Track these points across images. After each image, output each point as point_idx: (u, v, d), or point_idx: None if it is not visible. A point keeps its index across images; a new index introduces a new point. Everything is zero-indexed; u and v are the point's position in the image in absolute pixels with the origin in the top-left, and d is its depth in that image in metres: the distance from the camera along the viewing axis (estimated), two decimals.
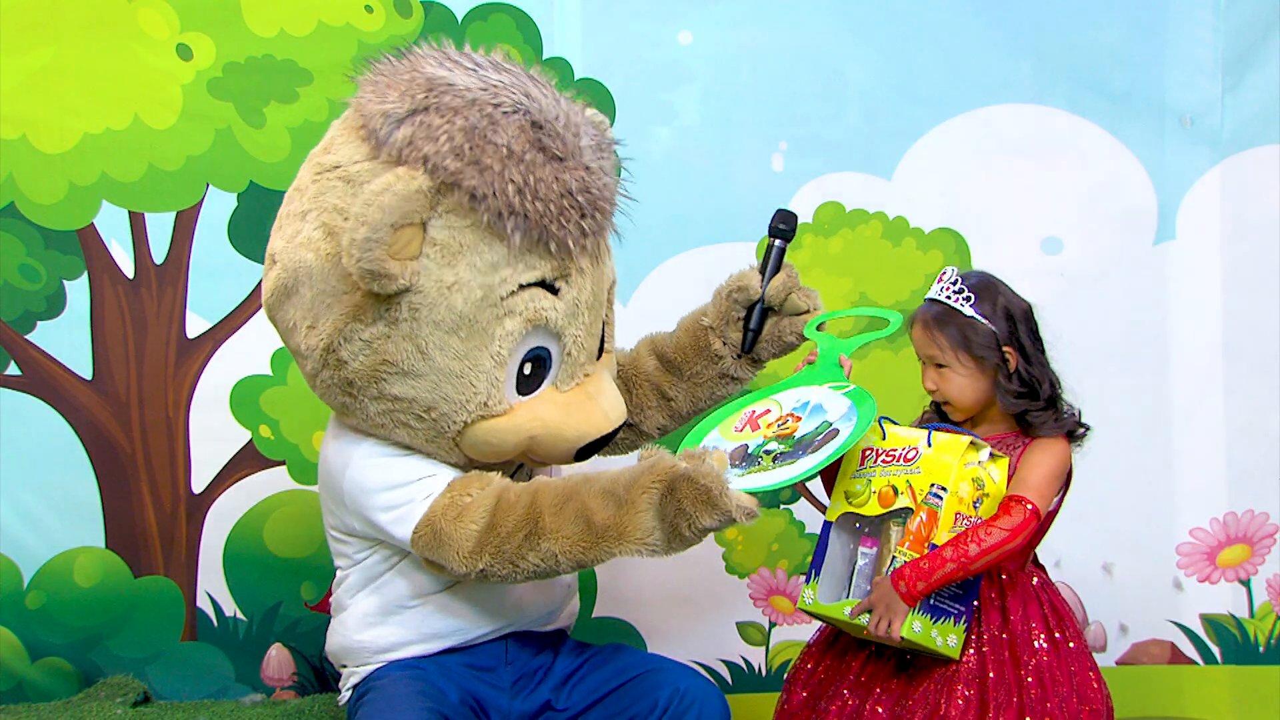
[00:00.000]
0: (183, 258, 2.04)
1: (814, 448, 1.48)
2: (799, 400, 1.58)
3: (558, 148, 1.45)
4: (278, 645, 2.09)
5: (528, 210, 1.42)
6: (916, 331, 1.63)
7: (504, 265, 1.45)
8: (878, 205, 2.08)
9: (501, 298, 1.46)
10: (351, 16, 2.00)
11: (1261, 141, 2.08)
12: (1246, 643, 2.13)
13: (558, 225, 1.45)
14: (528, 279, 1.47)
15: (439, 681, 1.54)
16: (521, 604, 1.60)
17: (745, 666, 2.13)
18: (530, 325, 1.48)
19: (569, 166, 1.45)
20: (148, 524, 2.06)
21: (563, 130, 1.46)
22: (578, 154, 1.47)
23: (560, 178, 1.44)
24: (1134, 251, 2.10)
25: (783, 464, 1.47)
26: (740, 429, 1.57)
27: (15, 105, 1.99)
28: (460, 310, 1.45)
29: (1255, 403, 2.10)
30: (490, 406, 1.49)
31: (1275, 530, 2.12)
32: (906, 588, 1.48)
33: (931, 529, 1.50)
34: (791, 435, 1.52)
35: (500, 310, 1.46)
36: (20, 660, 2.04)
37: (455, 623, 1.57)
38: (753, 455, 1.52)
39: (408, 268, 1.42)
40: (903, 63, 2.08)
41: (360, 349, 1.47)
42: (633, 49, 2.06)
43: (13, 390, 2.03)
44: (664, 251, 2.07)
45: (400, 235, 1.40)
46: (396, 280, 1.41)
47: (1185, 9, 2.07)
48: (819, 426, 1.51)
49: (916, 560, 1.49)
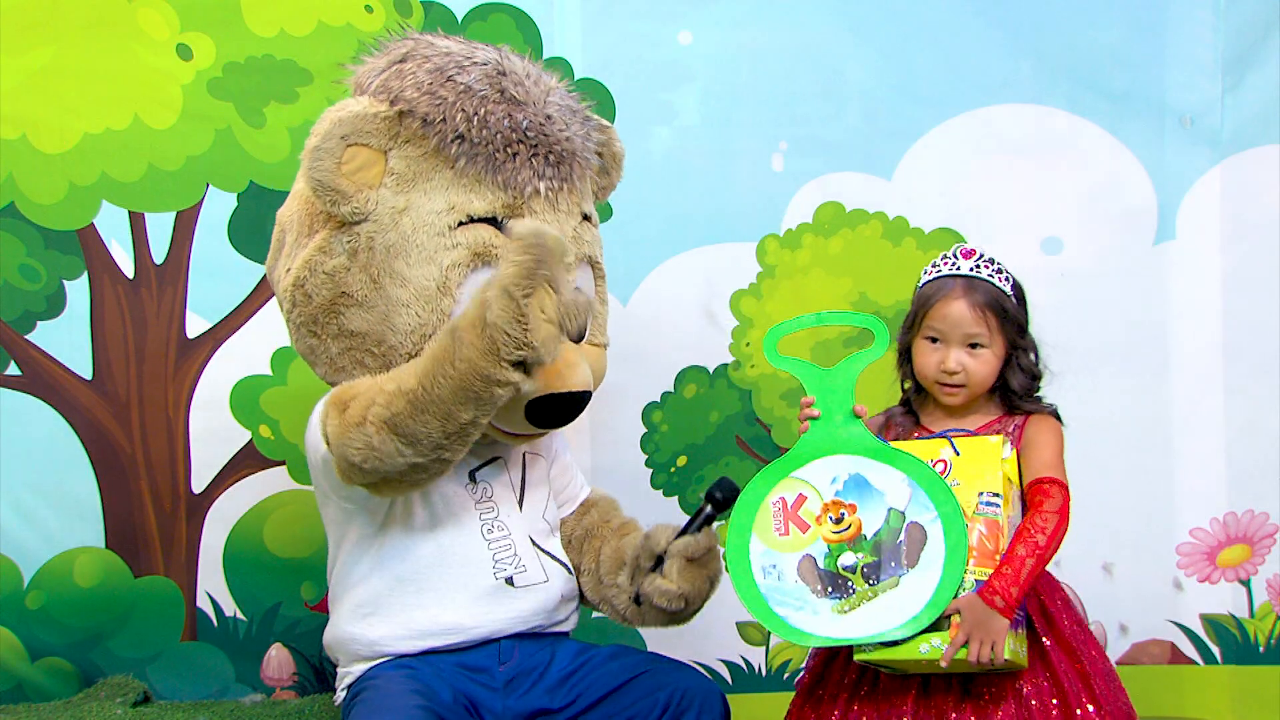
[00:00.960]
0: (183, 258, 2.04)
1: (906, 555, 1.41)
2: (832, 476, 1.47)
3: (518, 93, 1.49)
4: (278, 645, 2.09)
5: (475, 137, 1.47)
6: (959, 309, 1.55)
7: (452, 192, 1.50)
8: (878, 205, 2.08)
9: (450, 227, 1.50)
10: (351, 16, 2.00)
11: (1261, 141, 2.08)
12: (1246, 643, 2.13)
13: (506, 159, 1.48)
14: (477, 211, 1.50)
15: (431, 681, 1.53)
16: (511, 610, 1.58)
17: (745, 666, 2.13)
18: (478, 259, 1.50)
19: (526, 110, 1.49)
20: (148, 524, 2.06)
21: (527, 82, 1.50)
22: (539, 104, 1.50)
23: (514, 115, 1.48)
24: (1134, 251, 2.10)
25: (883, 584, 1.40)
26: (783, 531, 1.47)
27: (15, 105, 1.99)
28: (408, 235, 1.50)
29: (1255, 403, 2.10)
30: None
31: (1275, 530, 2.12)
32: (1004, 601, 1.40)
33: (997, 539, 1.43)
34: (861, 535, 1.43)
35: (449, 240, 1.50)
36: (20, 660, 2.04)
37: (442, 621, 1.56)
38: (834, 575, 1.43)
39: (363, 192, 1.49)
40: (903, 63, 2.08)
41: (323, 282, 1.53)
42: (633, 49, 2.06)
43: (13, 390, 2.03)
44: (664, 251, 2.08)
45: (353, 154, 1.48)
46: (350, 199, 1.48)
47: (1185, 9, 2.08)
48: (888, 520, 1.43)
49: (997, 571, 1.41)
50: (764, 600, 1.45)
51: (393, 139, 1.51)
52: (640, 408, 2.09)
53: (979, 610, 1.40)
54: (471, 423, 1.40)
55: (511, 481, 1.63)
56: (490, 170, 1.49)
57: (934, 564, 1.40)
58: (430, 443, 1.41)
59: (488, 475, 1.61)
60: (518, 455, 1.65)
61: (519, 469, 1.64)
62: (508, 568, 1.58)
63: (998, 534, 1.43)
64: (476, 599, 1.57)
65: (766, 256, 2.08)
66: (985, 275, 1.56)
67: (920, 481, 1.43)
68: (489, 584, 1.57)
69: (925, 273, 1.62)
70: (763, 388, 2.09)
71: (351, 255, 1.52)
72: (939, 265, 1.60)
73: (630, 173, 2.04)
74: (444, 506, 1.57)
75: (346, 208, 1.50)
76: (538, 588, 1.60)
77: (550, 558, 1.63)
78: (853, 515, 1.44)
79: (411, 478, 1.46)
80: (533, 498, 1.65)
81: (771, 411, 2.09)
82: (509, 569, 1.58)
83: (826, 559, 1.43)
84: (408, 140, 1.50)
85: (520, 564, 1.59)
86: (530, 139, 1.49)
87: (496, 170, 1.49)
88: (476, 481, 1.60)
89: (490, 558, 1.57)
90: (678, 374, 2.09)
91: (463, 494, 1.59)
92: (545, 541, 1.64)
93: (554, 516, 1.69)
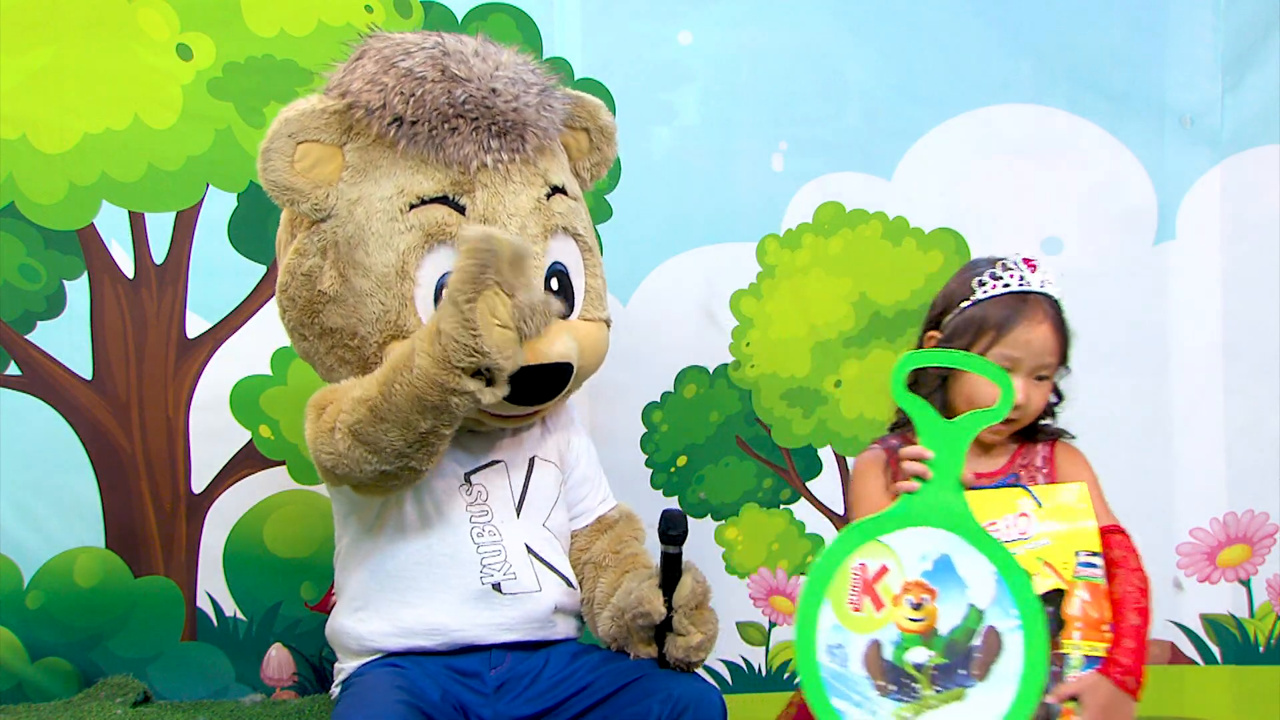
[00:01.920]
0: (183, 258, 2.04)
1: (977, 664, 1.26)
2: (921, 551, 1.31)
3: (460, 70, 1.48)
4: (278, 645, 2.08)
5: (412, 117, 1.47)
6: (1044, 335, 1.38)
7: (400, 177, 1.50)
8: (878, 205, 2.08)
9: (401, 210, 1.50)
10: (351, 16, 2.00)
11: (1261, 141, 2.09)
12: (1246, 643, 2.13)
13: (446, 135, 1.47)
14: (427, 192, 1.50)
15: (419, 680, 1.53)
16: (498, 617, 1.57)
17: (745, 666, 2.13)
18: (432, 240, 1.50)
19: (468, 85, 1.48)
20: (148, 524, 2.06)
21: (473, 59, 1.49)
22: (485, 78, 1.49)
23: (452, 91, 1.47)
24: (1134, 251, 2.10)
25: (948, 694, 1.26)
26: (857, 605, 1.32)
27: (15, 105, 1.98)
28: (364, 224, 1.51)
29: (1255, 403, 2.10)
30: (402, 326, 1.50)
31: (1275, 530, 2.12)
32: (1136, 681, 1.25)
33: (1101, 606, 1.29)
34: (934, 630, 1.29)
35: (402, 224, 1.50)
36: (20, 660, 2.04)
37: (428, 621, 1.56)
38: (900, 671, 1.30)
39: (321, 189, 1.51)
40: (903, 63, 2.08)
41: (302, 284, 1.55)
42: (633, 49, 2.06)
43: (13, 390, 2.03)
44: (664, 251, 2.07)
45: (305, 151, 1.50)
46: (307, 196, 1.50)
47: (1185, 9, 2.08)
48: (966, 618, 1.28)
49: (1118, 645, 1.26)
50: (823, 688, 1.32)
51: (345, 133, 1.52)
52: (640, 408, 2.09)
53: (1106, 694, 1.24)
54: (432, 432, 1.40)
55: (511, 486, 1.61)
56: (432, 149, 1.48)
57: (1006, 683, 1.25)
58: (393, 451, 1.41)
59: (485, 479, 1.59)
60: (523, 460, 1.63)
61: (522, 474, 1.62)
62: (495, 574, 1.56)
63: (1101, 600, 1.29)
64: (462, 601, 1.56)
65: (766, 256, 2.08)
66: (1057, 293, 1.39)
67: (1009, 580, 1.28)
68: (475, 588, 1.56)
69: (981, 284, 1.45)
70: (763, 388, 2.09)
71: (322, 254, 1.54)
72: (1002, 278, 1.42)
73: (630, 173, 2.04)
74: (434, 508, 1.57)
75: (305, 205, 1.52)
76: (527, 596, 1.57)
77: (547, 568, 1.61)
78: (931, 603, 1.29)
79: (385, 484, 1.46)
80: (535, 505, 1.62)
81: (771, 411, 2.09)
82: (496, 575, 1.56)
83: (895, 649, 1.30)
84: (358, 132, 1.51)
85: (510, 571, 1.57)
86: (469, 113, 1.48)
87: (439, 148, 1.48)
88: (472, 484, 1.59)
89: (478, 562, 1.56)
90: (678, 374, 2.09)
91: (455, 496, 1.58)
92: (545, 551, 1.61)
93: (561, 526, 1.66)
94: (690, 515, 2.08)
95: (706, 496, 2.11)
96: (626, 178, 2.05)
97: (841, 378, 2.08)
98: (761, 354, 2.09)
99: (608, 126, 1.68)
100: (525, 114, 1.51)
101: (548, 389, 1.52)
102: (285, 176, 1.50)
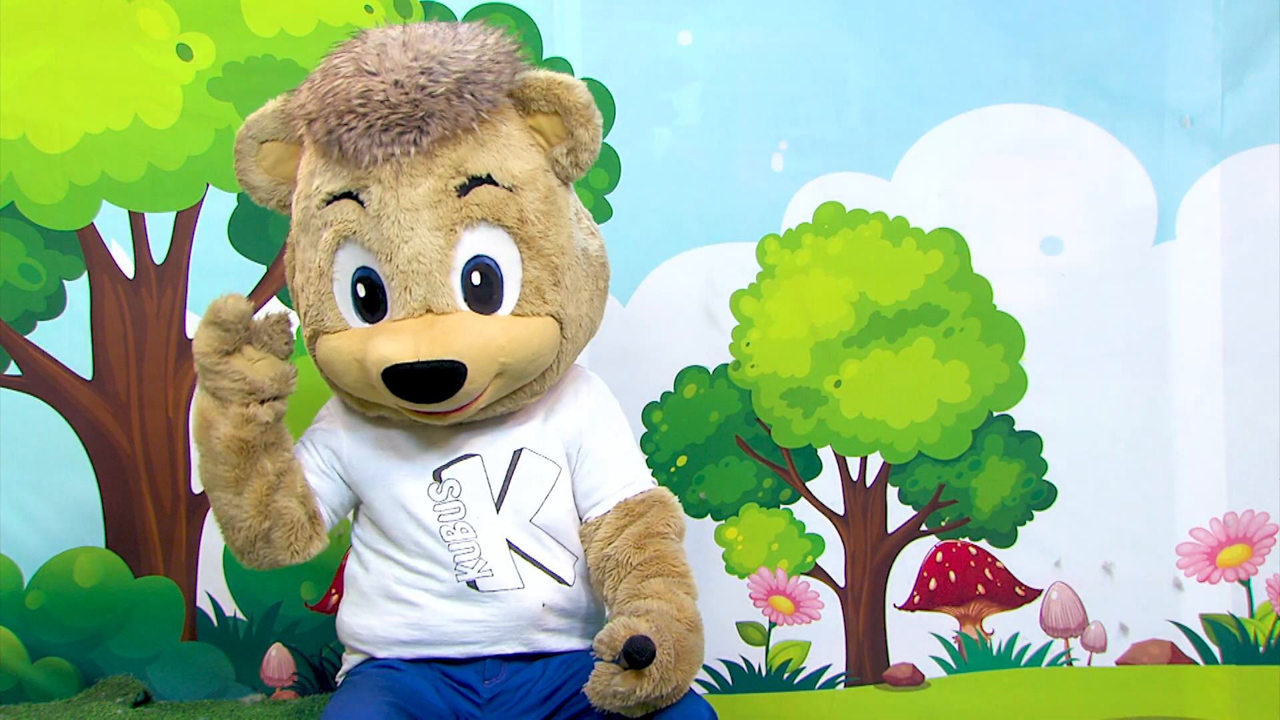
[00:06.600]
0: (183, 258, 2.04)
1: None
2: None
3: (370, 63, 1.47)
4: (278, 645, 2.09)
5: (319, 114, 1.47)
6: None
7: (318, 174, 1.51)
8: (878, 205, 2.08)
9: (318, 206, 1.51)
10: (351, 16, 2.00)
11: (1261, 141, 2.08)
12: (1246, 643, 2.13)
13: (344, 131, 1.46)
14: (333, 188, 1.49)
15: (414, 683, 1.53)
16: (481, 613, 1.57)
17: (745, 666, 2.13)
18: (339, 236, 1.50)
19: (371, 80, 1.46)
20: (148, 524, 2.06)
21: (396, 50, 1.47)
22: (395, 70, 1.46)
23: (353, 86, 1.46)
24: (1134, 251, 2.10)
25: None
26: None
27: (15, 105, 1.99)
28: (298, 219, 1.55)
29: (1255, 403, 2.10)
30: (324, 322, 1.53)
31: (1275, 530, 2.12)
32: None
33: None
34: None
35: (320, 220, 1.51)
36: (20, 660, 2.04)
37: (409, 618, 1.57)
38: None
39: (284, 186, 1.57)
40: (903, 63, 2.08)
41: (290, 277, 1.60)
42: (633, 49, 2.06)
43: (13, 390, 2.03)
44: (664, 251, 2.07)
45: (268, 150, 1.56)
46: (271, 194, 1.58)
47: (1185, 9, 2.07)
48: None
49: None
50: None
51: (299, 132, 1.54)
52: (640, 408, 2.09)
53: None
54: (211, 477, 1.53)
55: (489, 481, 1.58)
56: (333, 145, 1.47)
57: None
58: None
59: (457, 474, 1.58)
60: (503, 453, 1.59)
61: (503, 468, 1.59)
62: (469, 571, 1.55)
63: None
64: (440, 598, 1.56)
65: (766, 256, 2.08)
66: None
67: None
68: (452, 586, 1.56)
69: None
70: (763, 388, 2.09)
71: (291, 251, 1.59)
72: None
73: (630, 173, 2.04)
74: (404, 505, 1.57)
75: (272, 203, 1.59)
76: (507, 594, 1.56)
77: (533, 565, 1.59)
78: None
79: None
80: (519, 499, 1.59)
81: (771, 411, 2.09)
82: (470, 572, 1.55)
83: None
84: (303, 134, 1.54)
85: (486, 568, 1.56)
86: (360, 107, 1.44)
87: (339, 144, 1.47)
88: (441, 481, 1.58)
89: (451, 559, 1.56)
90: (678, 374, 2.09)
91: (423, 494, 1.57)
92: (531, 548, 1.59)
93: (559, 523, 1.62)
94: (690, 515, 2.08)
95: (706, 496, 2.11)
96: (626, 178, 2.05)
97: (841, 378, 2.08)
98: (761, 354, 2.09)
99: (576, 106, 1.53)
100: (427, 104, 1.45)
101: (436, 388, 1.46)
102: (251, 176, 1.57)
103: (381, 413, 1.58)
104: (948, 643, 2.13)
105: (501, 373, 1.51)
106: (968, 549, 2.12)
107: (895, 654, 2.13)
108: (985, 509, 2.11)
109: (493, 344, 1.49)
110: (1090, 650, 2.12)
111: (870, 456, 2.10)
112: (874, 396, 2.08)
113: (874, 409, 2.09)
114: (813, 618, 2.12)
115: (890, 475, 2.10)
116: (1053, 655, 2.12)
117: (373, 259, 1.48)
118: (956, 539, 2.12)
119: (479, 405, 1.53)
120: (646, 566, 1.56)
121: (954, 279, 2.07)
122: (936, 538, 2.12)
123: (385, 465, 1.60)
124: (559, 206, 1.57)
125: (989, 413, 2.09)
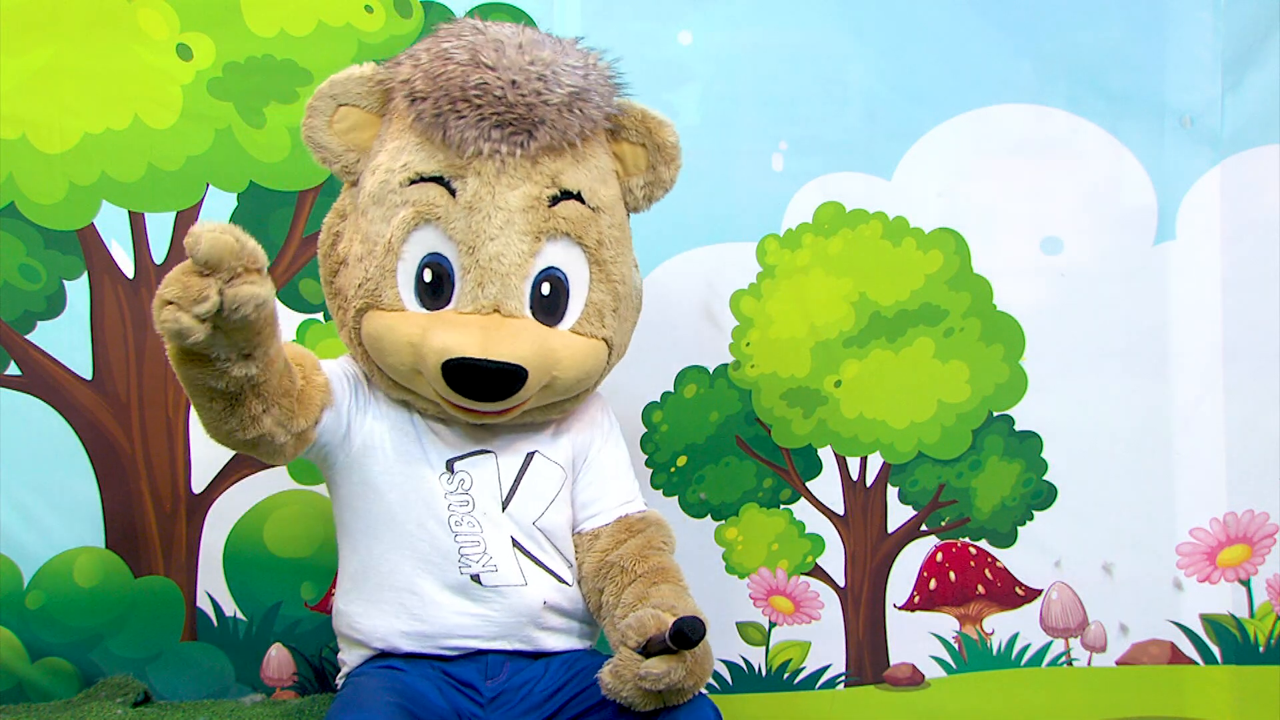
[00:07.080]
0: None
1: None
2: None
3: (489, 58, 1.48)
4: (278, 645, 2.08)
5: (428, 95, 1.48)
6: None
7: (410, 151, 1.51)
8: (878, 205, 2.08)
9: (400, 184, 1.51)
10: (351, 16, 2.00)
11: (1261, 141, 2.08)
12: (1246, 643, 2.13)
13: (452, 117, 1.47)
14: (426, 170, 1.50)
15: (416, 683, 1.53)
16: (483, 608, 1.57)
17: (745, 666, 2.13)
18: (420, 217, 1.50)
19: (489, 74, 1.47)
20: (148, 524, 2.06)
21: (511, 51, 1.49)
22: (511, 69, 1.48)
23: (470, 76, 1.47)
24: (1134, 251, 2.10)
25: None
26: None
27: (15, 105, 1.99)
28: (371, 190, 1.53)
29: (1255, 403, 2.10)
30: (380, 296, 1.51)
31: (1275, 530, 2.12)
32: None
33: None
34: None
35: (400, 197, 1.51)
36: (20, 660, 2.04)
37: (409, 607, 1.57)
38: None
39: (352, 153, 1.55)
40: (903, 63, 2.08)
41: (330, 245, 1.59)
42: (633, 49, 2.05)
43: (13, 390, 2.03)
44: (664, 251, 2.07)
45: (344, 114, 1.54)
46: (339, 157, 1.56)
47: (1185, 9, 2.08)
48: None
49: None
50: None
51: (385, 104, 1.55)
52: (640, 408, 2.09)
53: None
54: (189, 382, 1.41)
55: (500, 478, 1.60)
56: (438, 128, 1.48)
57: None
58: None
59: (470, 467, 1.59)
60: (517, 453, 1.62)
61: (515, 467, 1.61)
62: (473, 564, 1.56)
63: None
64: (442, 590, 1.56)
65: (766, 256, 2.08)
66: None
67: None
68: (455, 579, 1.56)
69: None
70: (763, 388, 2.09)
71: (345, 217, 1.58)
72: None
73: None
74: (414, 494, 1.57)
75: (337, 166, 1.56)
76: (510, 590, 1.57)
77: (536, 564, 1.60)
78: None
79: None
80: (526, 501, 1.60)
81: (771, 411, 2.10)
82: (475, 566, 1.56)
83: None
84: (394, 104, 1.54)
85: (490, 563, 1.56)
86: (476, 99, 1.47)
87: (443, 128, 1.48)
88: (454, 472, 1.58)
89: (456, 551, 1.56)
90: (678, 374, 2.09)
91: (435, 483, 1.58)
92: (534, 549, 1.60)
93: (559, 528, 1.63)
94: (690, 515, 2.09)
95: (706, 496, 2.11)
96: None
97: (841, 378, 2.08)
98: (761, 354, 2.09)
99: (666, 144, 1.62)
100: (540, 111, 1.49)
101: (495, 388, 1.49)
102: (320, 134, 1.55)
103: (407, 397, 1.58)
104: (948, 643, 2.13)
105: (550, 385, 1.54)
106: (968, 549, 2.12)
107: (895, 654, 2.13)
108: (985, 509, 2.11)
109: (552, 356, 1.52)
110: (1090, 650, 2.12)
111: (870, 456, 2.10)
112: (874, 396, 2.08)
113: (874, 409, 2.09)
114: (813, 618, 2.12)
115: (890, 475, 2.10)
116: (1053, 655, 2.13)
117: (452, 248, 1.50)
118: (956, 539, 2.12)
119: (518, 411, 1.56)
120: (651, 575, 1.58)
121: (954, 279, 2.08)
122: (936, 538, 2.12)
123: (402, 444, 1.60)
124: (627, 235, 1.65)
125: (989, 413, 2.09)
